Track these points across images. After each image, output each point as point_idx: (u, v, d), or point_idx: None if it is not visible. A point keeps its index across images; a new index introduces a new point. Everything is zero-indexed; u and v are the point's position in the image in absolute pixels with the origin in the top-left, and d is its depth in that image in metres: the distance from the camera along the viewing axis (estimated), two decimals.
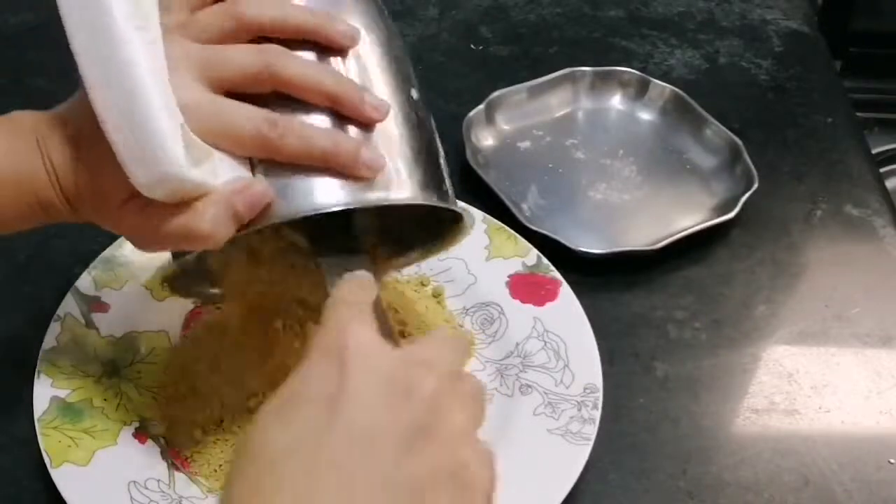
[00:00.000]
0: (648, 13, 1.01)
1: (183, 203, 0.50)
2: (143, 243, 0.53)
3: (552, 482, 0.61)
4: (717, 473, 0.66)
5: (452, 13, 0.99)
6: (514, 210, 0.77)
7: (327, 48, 0.54)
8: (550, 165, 0.84)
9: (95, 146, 0.49)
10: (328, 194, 0.52)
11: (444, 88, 0.90)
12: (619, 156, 0.85)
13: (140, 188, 0.49)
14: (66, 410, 0.62)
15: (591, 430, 0.63)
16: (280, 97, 0.52)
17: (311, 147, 0.52)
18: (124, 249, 0.70)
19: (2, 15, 0.94)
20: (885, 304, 0.77)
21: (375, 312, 0.49)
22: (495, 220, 0.75)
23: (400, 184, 0.54)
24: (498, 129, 0.86)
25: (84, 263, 0.70)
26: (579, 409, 0.65)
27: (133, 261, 0.70)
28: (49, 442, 0.60)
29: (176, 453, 0.62)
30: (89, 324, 0.67)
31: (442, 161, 0.59)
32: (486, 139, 0.85)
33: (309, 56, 0.54)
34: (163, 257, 0.58)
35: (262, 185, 0.51)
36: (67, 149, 0.51)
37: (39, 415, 0.62)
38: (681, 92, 0.88)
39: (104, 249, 0.70)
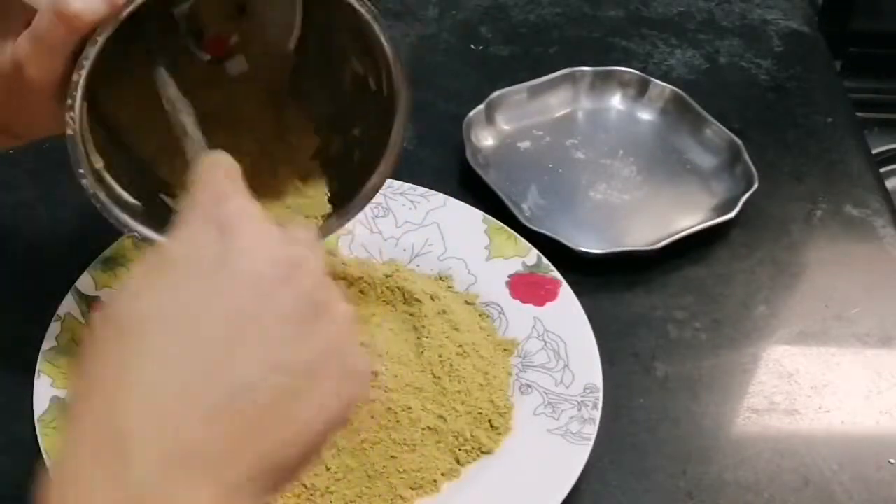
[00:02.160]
0: (648, 13, 1.01)
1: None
2: (34, 55, 0.52)
3: (552, 482, 0.61)
4: (717, 473, 0.66)
5: (452, 13, 0.99)
6: (514, 210, 0.77)
7: None
8: (550, 165, 0.84)
9: None
10: None
11: (444, 88, 0.90)
12: (619, 156, 0.85)
13: None
14: (66, 410, 0.62)
15: (591, 430, 0.63)
16: None
17: None
18: (124, 249, 0.70)
19: None
20: (885, 304, 0.77)
21: None
22: (495, 220, 0.75)
23: None
24: (498, 129, 0.86)
25: (84, 263, 0.70)
26: (579, 409, 0.65)
27: (133, 261, 0.70)
28: (49, 442, 0.60)
29: None
30: (89, 324, 0.67)
31: None
32: (486, 139, 0.85)
33: None
34: None
35: None
36: None
37: (39, 415, 0.62)
38: (681, 92, 0.88)
39: (104, 249, 0.70)
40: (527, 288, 0.72)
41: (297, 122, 0.66)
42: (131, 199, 0.60)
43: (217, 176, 0.46)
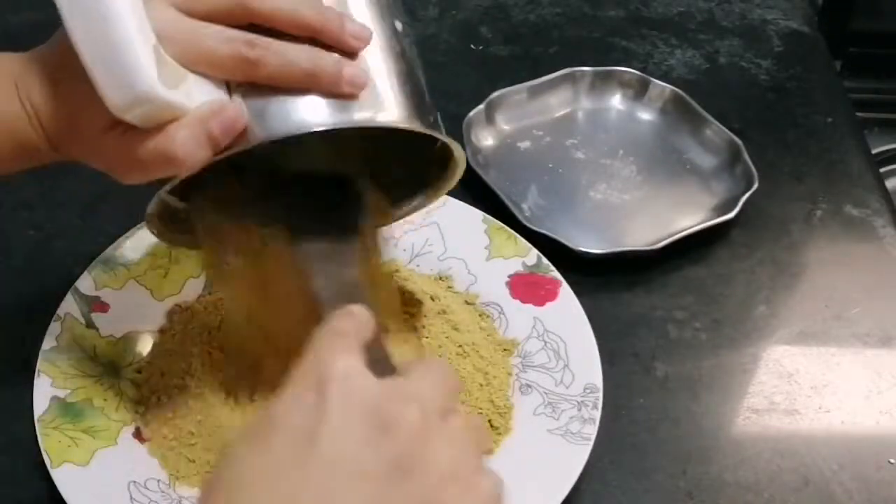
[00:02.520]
0: (648, 13, 1.01)
1: (159, 126, 0.50)
2: (122, 171, 0.52)
3: (552, 482, 0.61)
4: (717, 473, 0.66)
5: (452, 13, 0.99)
6: (514, 210, 0.77)
7: None
8: (550, 165, 0.84)
9: (73, 79, 0.50)
10: (308, 114, 0.51)
11: (444, 88, 0.89)
12: (619, 156, 0.85)
13: (115, 111, 0.49)
14: (66, 410, 0.62)
15: (591, 430, 0.63)
16: (258, 30, 0.51)
17: (291, 66, 0.51)
18: (124, 249, 0.70)
19: (3, 14, 0.94)
20: (885, 304, 0.77)
21: (371, 345, 0.48)
22: (495, 220, 0.75)
23: (385, 106, 0.53)
24: (498, 129, 0.86)
25: (84, 263, 0.70)
26: (579, 409, 0.65)
27: (133, 261, 0.70)
28: (49, 442, 0.60)
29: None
30: (89, 324, 0.67)
31: (426, 94, 0.57)
32: (486, 139, 0.85)
33: None
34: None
35: (236, 106, 0.51)
36: (46, 86, 0.52)
37: (39, 415, 0.62)
38: (681, 92, 0.88)
39: (104, 249, 0.70)
40: (527, 288, 0.72)
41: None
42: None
43: (333, 335, 0.46)
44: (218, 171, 0.53)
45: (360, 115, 0.52)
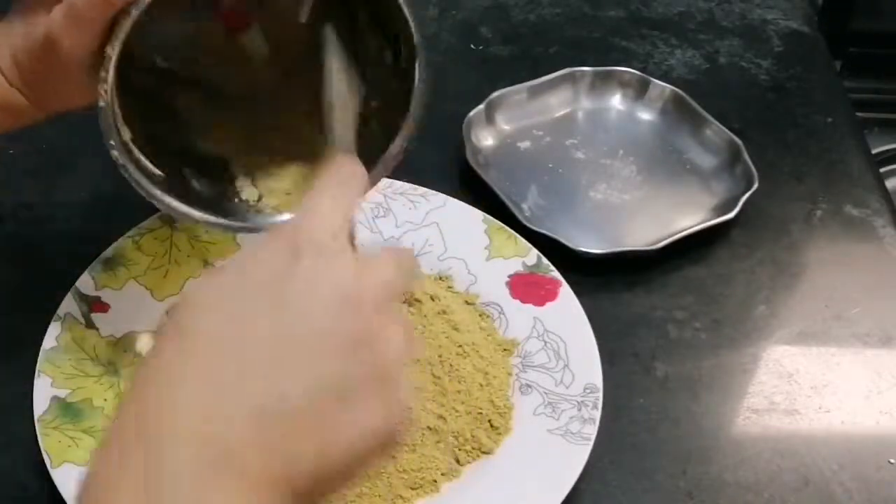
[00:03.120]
0: (648, 13, 1.01)
1: None
2: (68, 28, 0.54)
3: (552, 482, 0.61)
4: (717, 473, 0.66)
5: (452, 13, 0.99)
6: (514, 210, 0.77)
7: None
8: (550, 165, 0.84)
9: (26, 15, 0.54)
10: None
11: (444, 88, 0.89)
12: (619, 156, 0.85)
13: None
14: (66, 410, 0.62)
15: (591, 430, 0.63)
16: None
17: None
18: (124, 249, 0.70)
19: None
20: (885, 304, 0.77)
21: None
22: (495, 220, 0.75)
23: None
24: (498, 129, 0.86)
25: (84, 263, 0.70)
26: (579, 409, 0.65)
27: (133, 261, 0.70)
28: (49, 442, 0.60)
29: None
30: (89, 324, 0.67)
31: None
32: (486, 139, 0.85)
33: None
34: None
35: None
36: (5, 50, 0.57)
37: (39, 415, 0.62)
38: (681, 92, 0.88)
39: (104, 249, 0.70)
40: (527, 288, 0.72)
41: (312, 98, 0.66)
42: (156, 171, 0.60)
43: (324, 196, 0.46)
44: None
45: None
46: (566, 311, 0.70)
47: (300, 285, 0.41)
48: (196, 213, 0.61)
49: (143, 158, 0.60)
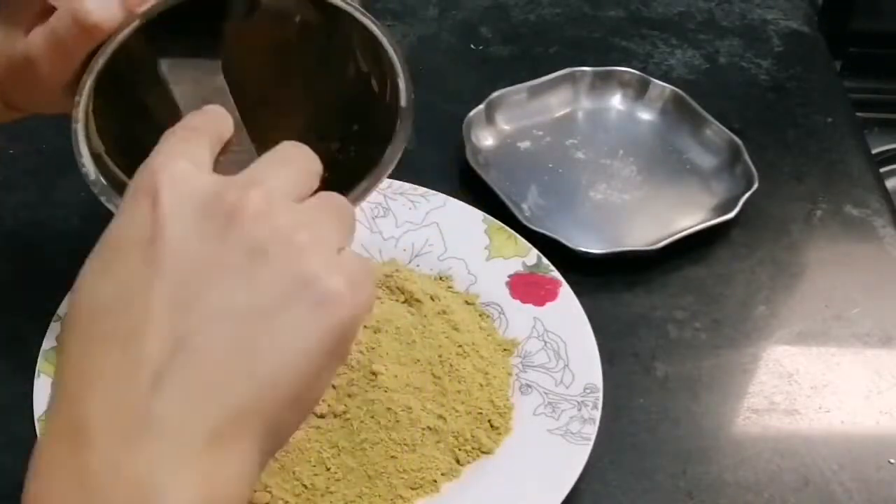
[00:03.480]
0: (648, 13, 1.01)
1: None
2: (48, 70, 0.53)
3: (552, 482, 0.61)
4: (717, 473, 0.66)
5: (452, 13, 0.99)
6: (514, 210, 0.77)
7: None
8: (550, 165, 0.84)
9: None
10: None
11: (444, 88, 0.90)
12: (619, 156, 0.85)
13: None
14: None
15: (591, 430, 0.63)
16: None
17: None
18: None
19: None
20: (885, 304, 0.77)
21: (231, 144, 0.46)
22: (495, 220, 0.75)
23: None
24: (498, 129, 0.86)
25: (84, 263, 0.69)
26: (579, 409, 0.65)
27: None
28: None
29: None
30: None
31: None
32: (486, 139, 0.85)
33: None
34: None
35: None
36: None
37: (39, 415, 0.62)
38: (681, 92, 0.88)
39: None
40: (527, 288, 0.72)
41: (293, 121, 0.66)
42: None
43: (177, 134, 0.44)
44: None
45: None
46: (566, 311, 0.70)
47: (168, 228, 0.39)
48: None
49: (118, 171, 0.59)
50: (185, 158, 0.42)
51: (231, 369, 0.38)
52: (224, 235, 0.39)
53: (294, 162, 0.43)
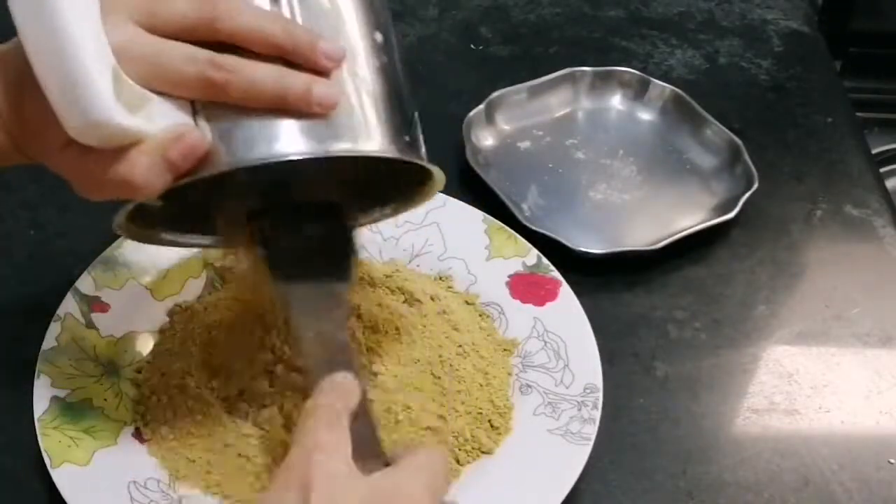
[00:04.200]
0: (648, 13, 1.01)
1: (118, 150, 0.48)
2: (83, 190, 0.51)
3: (552, 482, 0.61)
4: (717, 473, 0.66)
5: (452, 13, 0.99)
6: (514, 210, 0.77)
7: None
8: (550, 165, 0.84)
9: (35, 87, 0.47)
10: (277, 140, 0.49)
11: (444, 88, 0.90)
12: (619, 156, 0.85)
13: (71, 134, 0.47)
14: (66, 410, 0.62)
15: (591, 430, 0.63)
16: (226, 47, 0.49)
17: (258, 87, 0.48)
18: (124, 249, 0.70)
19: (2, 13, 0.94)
20: (885, 304, 0.77)
21: (358, 415, 0.50)
22: (495, 220, 0.75)
23: (359, 131, 0.50)
24: (498, 129, 0.86)
25: (84, 263, 0.69)
26: (579, 409, 0.65)
27: (133, 261, 0.70)
28: (49, 442, 0.60)
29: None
30: (89, 324, 0.67)
31: (409, 109, 0.55)
32: (486, 139, 0.85)
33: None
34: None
35: (198, 133, 0.48)
36: (9, 90, 0.50)
37: (39, 415, 0.62)
38: (681, 92, 0.88)
39: (104, 249, 0.70)
40: (527, 288, 0.72)
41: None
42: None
43: (320, 415, 0.48)
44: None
45: (333, 144, 0.50)
46: (566, 311, 0.70)
47: None
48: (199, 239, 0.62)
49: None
50: (338, 456, 0.45)
51: None
52: None
53: (431, 469, 0.48)
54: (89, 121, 0.46)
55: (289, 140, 0.49)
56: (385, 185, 0.62)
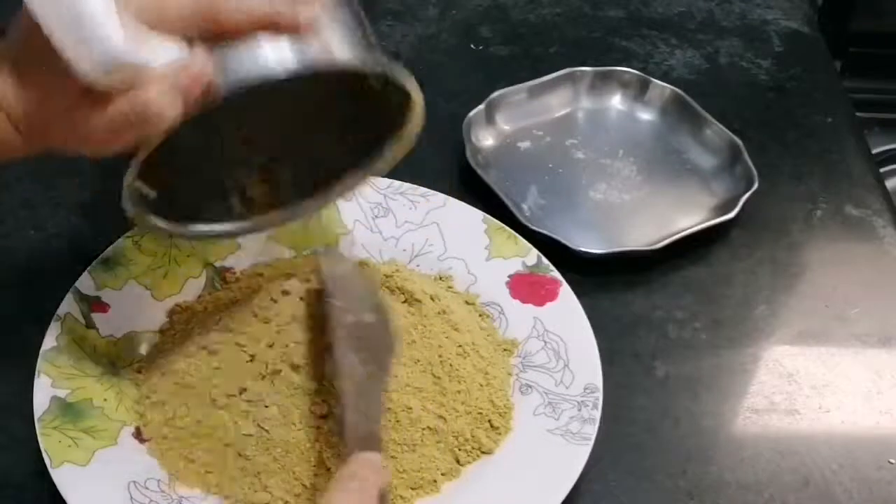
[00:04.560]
0: (648, 13, 1.01)
1: (129, 88, 0.50)
2: (99, 142, 0.53)
3: (552, 482, 0.61)
4: (717, 473, 0.66)
5: (452, 13, 0.99)
6: (514, 210, 0.77)
7: None
8: (550, 165, 0.84)
9: (35, 63, 0.51)
10: (271, 60, 0.53)
11: (444, 88, 0.90)
12: (619, 156, 0.85)
13: (85, 77, 0.49)
14: (66, 410, 0.62)
15: (591, 430, 0.63)
16: None
17: (251, 11, 0.52)
18: (124, 249, 0.70)
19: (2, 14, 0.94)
20: (885, 304, 0.77)
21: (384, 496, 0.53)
22: (495, 220, 0.75)
23: (344, 49, 0.55)
24: (498, 129, 0.86)
25: (84, 263, 0.70)
26: (579, 409, 0.65)
27: (133, 261, 0.70)
28: (49, 442, 0.60)
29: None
30: (89, 324, 0.67)
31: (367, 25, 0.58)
32: (486, 139, 0.85)
33: None
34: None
35: (202, 58, 0.52)
36: (10, 77, 0.52)
37: (39, 415, 0.62)
38: (681, 92, 0.88)
39: (104, 249, 0.70)
40: (527, 288, 0.72)
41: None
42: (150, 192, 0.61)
43: (356, 486, 0.52)
44: None
45: (322, 56, 0.54)
46: (566, 311, 0.70)
47: None
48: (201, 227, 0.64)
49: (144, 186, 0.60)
50: None
51: None
52: None
53: None
54: (101, 59, 0.49)
55: (281, 58, 0.53)
56: (370, 122, 0.64)
